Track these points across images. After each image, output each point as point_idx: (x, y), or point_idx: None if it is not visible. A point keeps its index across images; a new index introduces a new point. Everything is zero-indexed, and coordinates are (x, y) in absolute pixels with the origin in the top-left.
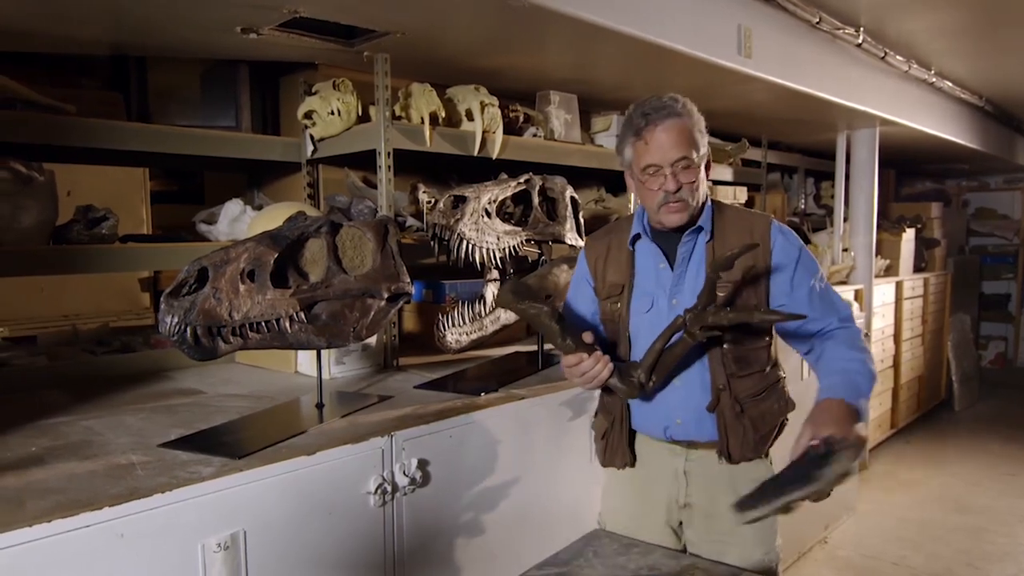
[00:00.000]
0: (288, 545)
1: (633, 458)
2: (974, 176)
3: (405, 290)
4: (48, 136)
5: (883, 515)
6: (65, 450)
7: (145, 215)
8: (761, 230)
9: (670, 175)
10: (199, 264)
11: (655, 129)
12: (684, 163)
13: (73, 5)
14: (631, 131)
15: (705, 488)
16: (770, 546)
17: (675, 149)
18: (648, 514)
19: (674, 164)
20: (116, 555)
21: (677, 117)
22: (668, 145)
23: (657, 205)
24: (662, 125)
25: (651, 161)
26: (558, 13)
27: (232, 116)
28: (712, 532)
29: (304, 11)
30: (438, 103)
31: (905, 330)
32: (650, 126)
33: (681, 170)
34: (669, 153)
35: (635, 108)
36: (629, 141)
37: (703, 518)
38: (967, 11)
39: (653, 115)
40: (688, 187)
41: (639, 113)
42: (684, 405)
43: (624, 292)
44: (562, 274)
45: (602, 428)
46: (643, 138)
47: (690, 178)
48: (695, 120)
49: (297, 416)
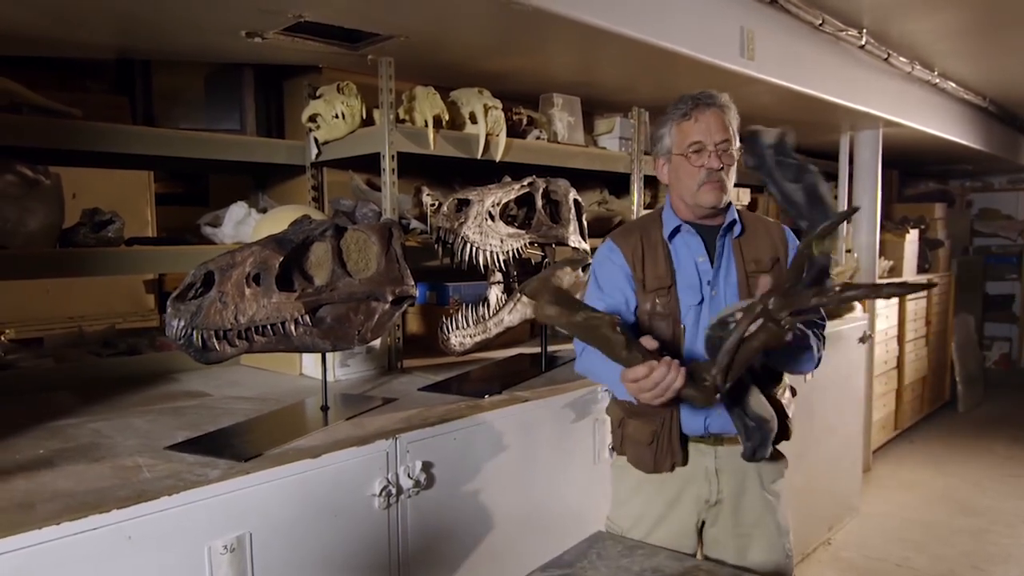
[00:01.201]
0: (294, 547)
1: (685, 456)
2: (978, 177)
3: (409, 293)
4: (54, 140)
5: (887, 516)
6: (73, 452)
7: (150, 218)
8: (779, 231)
9: (713, 153)
10: (205, 268)
11: (703, 111)
12: (725, 146)
13: (80, 10)
14: (676, 115)
15: (734, 483)
16: (788, 540)
17: (719, 131)
18: (677, 516)
19: (717, 145)
20: (124, 557)
21: (720, 108)
22: (714, 127)
23: (697, 184)
24: (709, 110)
25: (698, 138)
26: (561, 16)
27: (236, 119)
28: (739, 526)
29: (308, 15)
30: (442, 106)
31: (909, 331)
32: (698, 108)
33: (723, 152)
34: (715, 134)
35: (680, 97)
36: (672, 125)
37: (730, 513)
38: (970, 12)
39: (702, 99)
40: (727, 169)
41: (687, 98)
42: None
43: (673, 285)
44: (565, 276)
45: (647, 435)
46: (691, 116)
47: (729, 161)
48: (733, 115)
49: (302, 419)
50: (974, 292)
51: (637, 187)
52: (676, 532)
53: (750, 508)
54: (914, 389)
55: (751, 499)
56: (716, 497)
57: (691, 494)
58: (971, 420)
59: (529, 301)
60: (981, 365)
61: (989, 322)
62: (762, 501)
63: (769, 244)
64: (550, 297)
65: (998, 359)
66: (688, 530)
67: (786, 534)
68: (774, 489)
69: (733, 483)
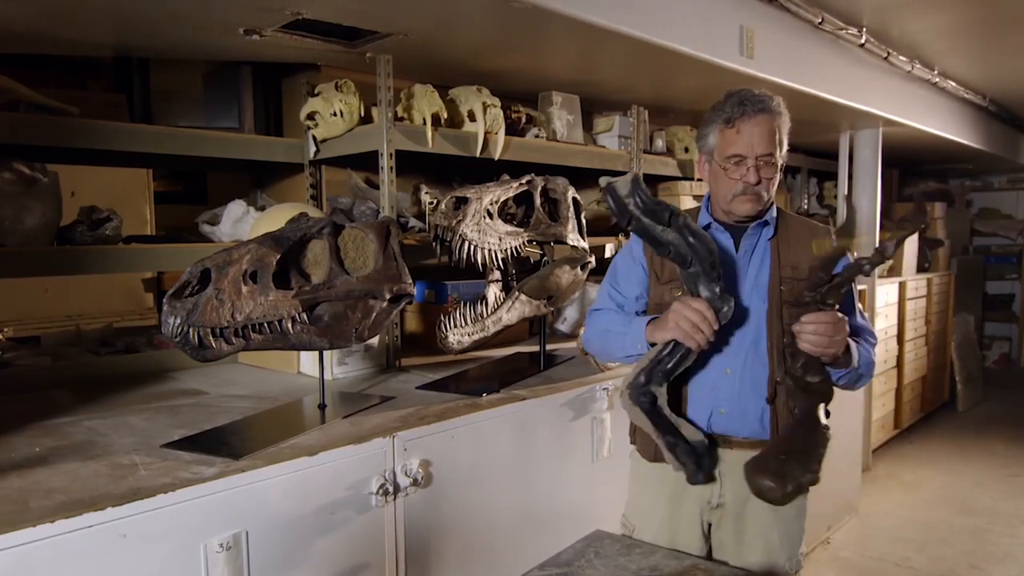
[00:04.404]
0: (290, 545)
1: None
2: (978, 176)
3: (407, 291)
4: (52, 137)
5: (886, 516)
6: (68, 450)
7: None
8: (825, 237)
9: (753, 167)
10: (202, 265)
11: (748, 120)
12: (767, 159)
13: (78, 8)
14: (721, 118)
15: (738, 490)
16: (794, 552)
17: (762, 144)
18: (682, 515)
19: (759, 158)
20: (119, 555)
21: (769, 114)
22: (757, 139)
23: (732, 195)
24: (755, 119)
25: (737, 151)
26: (560, 14)
27: (235, 117)
28: (742, 534)
29: (307, 13)
30: (440, 104)
31: (908, 331)
32: (744, 116)
33: (764, 165)
34: (757, 147)
35: (729, 96)
36: (716, 127)
37: (733, 520)
38: (970, 11)
39: (748, 106)
40: (766, 183)
41: (734, 101)
42: (731, 394)
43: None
44: (564, 275)
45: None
46: (735, 126)
47: (769, 174)
48: (784, 121)
49: (299, 417)
50: (974, 292)
51: None
52: (683, 532)
53: (754, 516)
54: (914, 388)
55: (756, 507)
56: (718, 500)
57: (692, 493)
58: (970, 420)
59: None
60: (981, 365)
61: (989, 322)
62: (768, 511)
63: (811, 251)
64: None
65: (998, 359)
66: (694, 531)
67: (793, 547)
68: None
69: (738, 488)
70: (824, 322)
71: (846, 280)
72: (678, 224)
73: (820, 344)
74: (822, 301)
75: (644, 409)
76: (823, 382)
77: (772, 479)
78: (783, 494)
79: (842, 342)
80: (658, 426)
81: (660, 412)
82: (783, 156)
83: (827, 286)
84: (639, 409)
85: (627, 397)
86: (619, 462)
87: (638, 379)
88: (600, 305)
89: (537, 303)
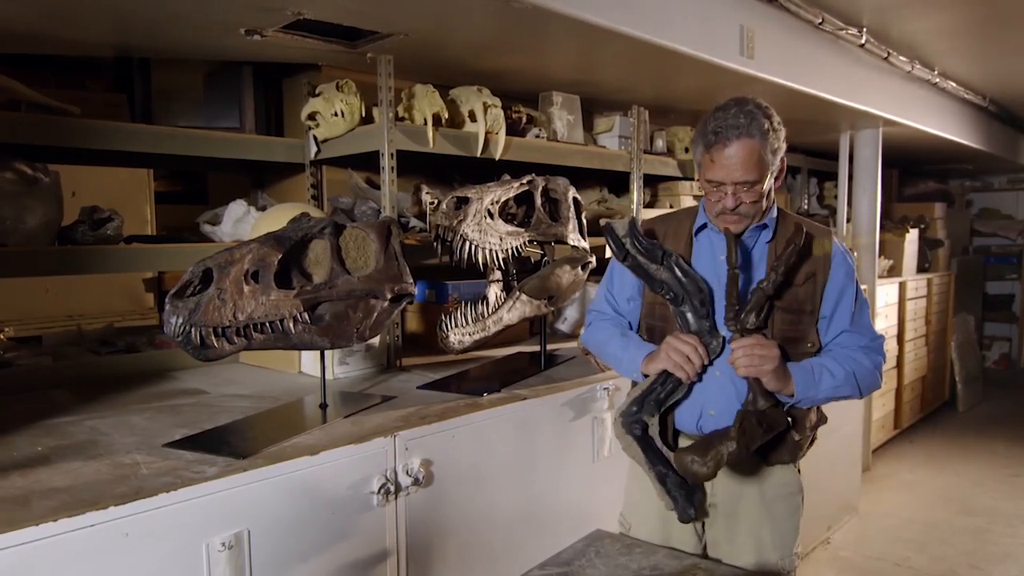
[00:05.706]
0: (292, 545)
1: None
2: (978, 176)
3: (408, 291)
4: (53, 137)
5: (886, 516)
6: (70, 450)
7: (149, 216)
8: (825, 246)
9: (730, 193)
10: (203, 265)
11: (723, 149)
12: (746, 186)
13: (79, 7)
14: (701, 141)
15: (730, 489)
16: (787, 551)
17: (739, 171)
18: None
19: (736, 184)
20: (121, 554)
21: (748, 138)
22: (732, 166)
23: (715, 214)
24: (732, 146)
25: (713, 178)
26: (560, 14)
27: (236, 117)
28: (733, 533)
29: (308, 13)
30: (441, 104)
31: (908, 331)
32: (718, 144)
33: (743, 191)
34: (732, 174)
35: (709, 117)
36: (698, 149)
37: (725, 518)
38: (970, 11)
39: (723, 133)
40: (747, 205)
41: (711, 128)
42: (719, 395)
43: None
44: (564, 275)
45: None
46: (709, 154)
47: (751, 198)
48: (767, 141)
49: (301, 416)
50: (974, 292)
51: (637, 186)
52: (677, 530)
53: (746, 516)
54: (913, 389)
55: (748, 508)
56: (710, 500)
57: None
58: (971, 420)
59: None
60: (981, 365)
61: (989, 322)
62: (760, 512)
63: (808, 258)
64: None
65: (997, 359)
66: (688, 529)
67: (786, 547)
68: (776, 501)
69: (729, 488)
70: (746, 345)
71: (756, 305)
72: (670, 264)
73: (752, 365)
74: (742, 330)
75: (635, 436)
76: (773, 409)
77: (695, 454)
78: (704, 466)
79: (772, 363)
80: (649, 456)
81: (651, 442)
82: (773, 171)
83: (743, 313)
84: (631, 437)
85: (619, 425)
86: (619, 462)
87: (631, 408)
88: (598, 307)
89: (538, 303)
